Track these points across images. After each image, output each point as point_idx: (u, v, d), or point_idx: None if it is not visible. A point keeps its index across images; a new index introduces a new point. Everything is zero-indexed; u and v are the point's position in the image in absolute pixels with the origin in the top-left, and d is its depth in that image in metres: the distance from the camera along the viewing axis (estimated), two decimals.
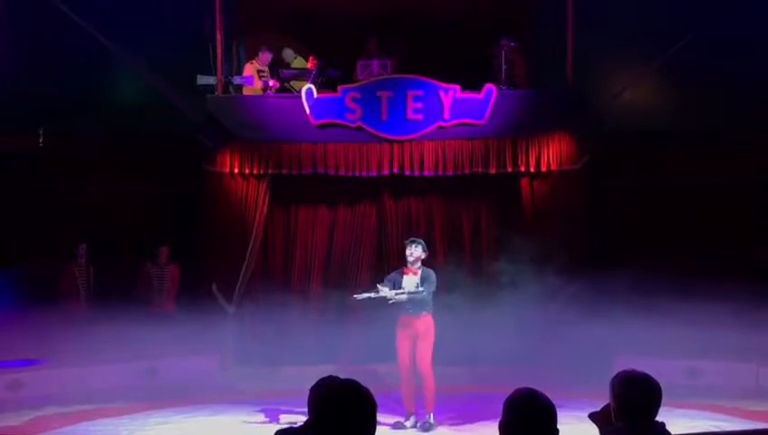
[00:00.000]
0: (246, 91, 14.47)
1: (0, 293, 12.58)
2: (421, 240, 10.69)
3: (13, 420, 10.94)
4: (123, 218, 14.26)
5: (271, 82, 14.36)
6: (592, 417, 4.60)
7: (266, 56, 14.59)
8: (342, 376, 3.87)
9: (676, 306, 11.55)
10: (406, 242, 10.75)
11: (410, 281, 10.43)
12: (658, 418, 4.30)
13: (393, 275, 10.70)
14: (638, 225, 14.26)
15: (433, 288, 10.48)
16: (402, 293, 10.32)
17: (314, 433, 3.62)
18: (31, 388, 12.09)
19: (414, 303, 10.38)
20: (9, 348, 12.30)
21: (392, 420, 10.59)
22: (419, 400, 10.65)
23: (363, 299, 10.47)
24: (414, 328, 10.45)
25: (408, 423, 10.54)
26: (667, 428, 4.33)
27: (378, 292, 10.33)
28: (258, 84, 14.39)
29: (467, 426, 10.59)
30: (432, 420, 10.49)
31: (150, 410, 11.59)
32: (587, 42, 13.77)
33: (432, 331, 10.52)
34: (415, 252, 10.47)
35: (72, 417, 11.15)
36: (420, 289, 10.35)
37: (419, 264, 10.51)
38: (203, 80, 14.16)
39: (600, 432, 4.48)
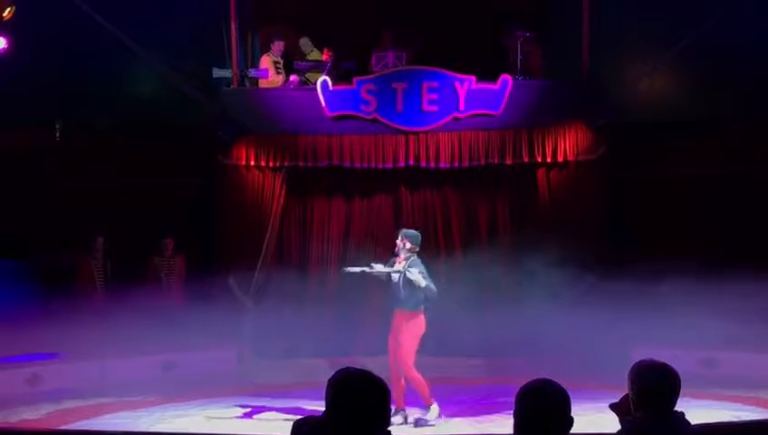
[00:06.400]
0: (262, 84, 14.49)
1: (17, 287, 12.63)
2: (402, 229, 10.57)
3: (31, 414, 11.00)
4: (140, 212, 14.29)
5: (291, 78, 14.34)
6: (613, 407, 4.59)
7: (279, 45, 14.61)
8: (359, 367, 3.89)
9: (694, 297, 11.49)
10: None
11: (397, 269, 10.26)
12: (677, 408, 4.28)
13: (390, 262, 10.47)
14: (655, 215, 14.19)
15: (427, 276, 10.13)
16: (397, 271, 10.12)
17: (331, 423, 3.65)
18: (49, 382, 12.18)
19: (392, 297, 10.25)
20: (27, 342, 12.38)
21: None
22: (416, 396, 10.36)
23: (354, 272, 10.33)
24: (394, 323, 10.27)
25: (395, 420, 9.86)
26: (687, 418, 4.31)
27: (371, 268, 10.26)
28: (277, 79, 14.40)
29: (483, 417, 10.57)
30: (426, 417, 10.17)
31: (168, 403, 11.62)
32: (603, 31, 13.71)
33: (411, 329, 10.12)
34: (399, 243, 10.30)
35: (91, 410, 11.19)
36: (421, 279, 10.05)
37: (404, 253, 10.23)
38: (218, 73, 14.18)
39: (621, 422, 4.47)
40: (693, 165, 14.15)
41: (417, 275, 10.05)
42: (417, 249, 10.29)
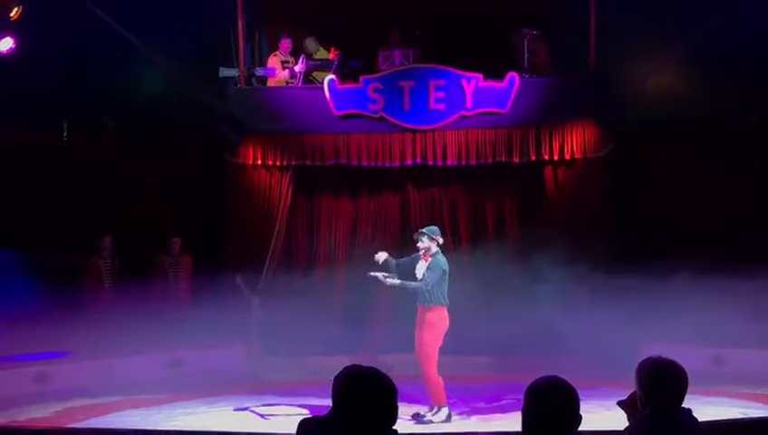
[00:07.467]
0: (270, 83, 14.48)
1: (26, 285, 12.65)
2: (425, 230, 10.30)
3: (40, 413, 10.99)
4: (147, 211, 14.31)
5: (297, 67, 14.32)
6: (621, 404, 4.58)
7: (286, 43, 14.58)
8: (367, 365, 3.88)
9: (702, 294, 11.45)
10: (414, 235, 10.46)
11: (421, 267, 10.21)
12: (685, 405, 4.27)
13: (415, 256, 10.39)
14: (664, 212, 14.15)
15: (434, 278, 10.03)
16: (391, 278, 10.14)
17: (337, 422, 3.64)
18: (57, 380, 12.20)
19: (417, 293, 10.17)
20: (36, 341, 12.41)
21: (413, 410, 10.25)
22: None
23: (372, 277, 10.31)
24: (418, 319, 10.22)
25: (437, 417, 10.07)
26: (694, 415, 4.30)
27: (374, 272, 10.26)
28: (283, 75, 14.39)
29: (491, 415, 10.54)
30: (428, 415, 10.11)
31: (176, 402, 11.62)
32: (610, 28, 13.66)
33: (431, 324, 10.09)
34: (421, 244, 10.18)
35: (99, 409, 11.19)
36: (414, 282, 10.12)
37: (433, 250, 10.18)
38: (225, 72, 14.20)
39: (629, 419, 4.46)
40: (701, 161, 14.11)
41: (380, 278, 10.17)
42: (427, 246, 10.21)
